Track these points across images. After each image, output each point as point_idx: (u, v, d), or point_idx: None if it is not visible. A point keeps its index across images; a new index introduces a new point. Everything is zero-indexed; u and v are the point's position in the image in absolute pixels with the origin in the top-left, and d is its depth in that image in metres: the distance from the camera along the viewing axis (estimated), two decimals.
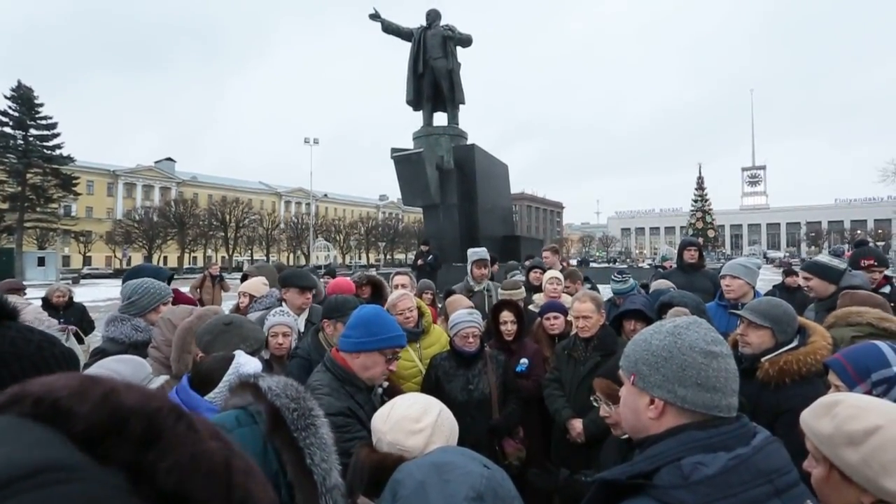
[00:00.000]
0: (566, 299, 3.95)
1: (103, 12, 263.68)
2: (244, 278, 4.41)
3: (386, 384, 2.06)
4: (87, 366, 2.04)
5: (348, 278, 4.46)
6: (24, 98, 38.00)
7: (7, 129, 37.53)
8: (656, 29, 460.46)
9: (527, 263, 5.58)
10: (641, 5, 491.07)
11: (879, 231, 76.27)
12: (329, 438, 0.82)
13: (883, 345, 1.41)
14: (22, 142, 37.93)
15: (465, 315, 3.01)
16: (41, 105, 38.84)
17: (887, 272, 3.81)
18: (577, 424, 2.85)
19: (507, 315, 3.37)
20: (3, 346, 0.81)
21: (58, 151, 39.27)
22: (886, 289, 3.53)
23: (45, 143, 39.01)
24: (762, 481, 0.87)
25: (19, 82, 38.24)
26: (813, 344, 2.00)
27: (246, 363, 1.75)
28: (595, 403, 1.98)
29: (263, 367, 1.92)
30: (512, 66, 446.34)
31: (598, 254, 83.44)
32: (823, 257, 3.37)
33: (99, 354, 2.25)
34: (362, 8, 10.25)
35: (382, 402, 1.98)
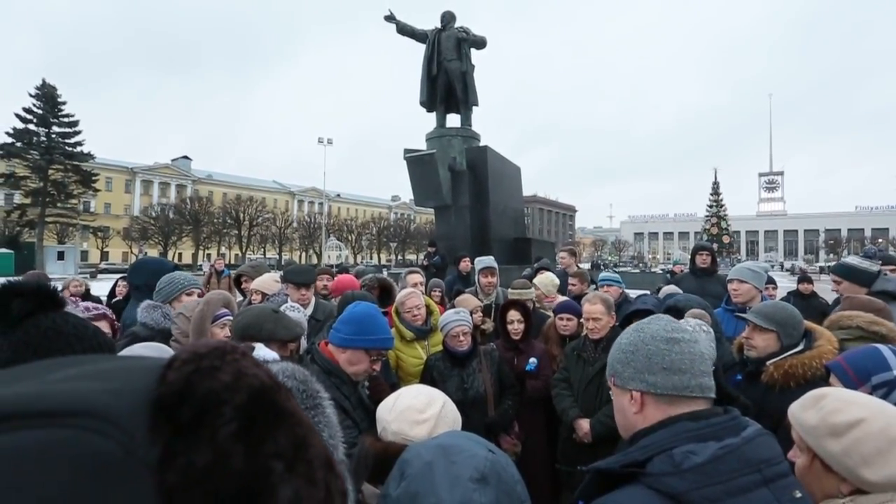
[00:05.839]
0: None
1: (144, 11, 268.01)
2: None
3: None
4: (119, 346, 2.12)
5: (353, 276, 4.53)
6: (47, 96, 38.95)
7: (31, 127, 38.50)
8: (684, 36, 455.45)
9: (536, 265, 5.60)
10: (672, 14, 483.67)
11: None
12: (334, 418, 0.87)
13: (884, 348, 1.41)
14: (45, 139, 38.87)
15: (452, 315, 3.01)
16: (64, 103, 39.78)
17: None
18: (584, 424, 2.87)
19: (513, 314, 3.38)
20: (69, 329, 0.96)
21: (79, 148, 40.19)
22: None
23: (66, 141, 39.94)
24: (751, 470, 0.89)
25: (44, 80, 39.25)
26: (819, 348, 1.99)
27: (264, 357, 1.80)
28: None
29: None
30: (536, 70, 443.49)
31: (610, 257, 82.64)
32: (853, 259, 3.24)
33: (131, 336, 2.38)
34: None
35: (368, 396, 2.04)
